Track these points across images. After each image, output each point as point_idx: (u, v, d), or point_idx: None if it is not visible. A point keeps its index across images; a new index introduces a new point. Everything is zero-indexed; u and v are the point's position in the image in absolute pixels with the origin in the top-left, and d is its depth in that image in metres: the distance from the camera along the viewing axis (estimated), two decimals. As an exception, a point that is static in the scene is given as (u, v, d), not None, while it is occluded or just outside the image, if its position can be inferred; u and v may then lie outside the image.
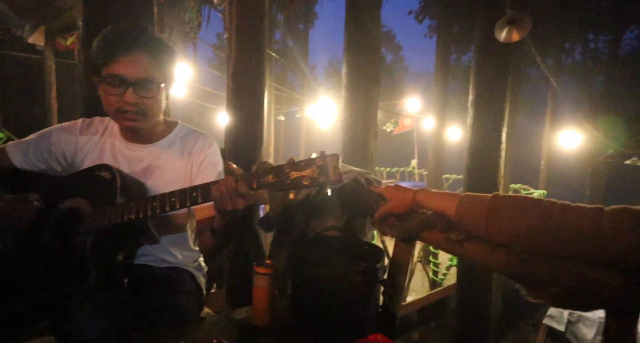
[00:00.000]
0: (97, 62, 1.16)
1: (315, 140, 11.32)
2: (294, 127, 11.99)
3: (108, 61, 1.14)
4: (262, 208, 1.81)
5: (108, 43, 1.15)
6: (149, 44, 1.18)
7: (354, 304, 0.98)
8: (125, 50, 1.14)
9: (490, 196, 0.87)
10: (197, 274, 1.43)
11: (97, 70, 1.17)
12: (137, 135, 1.31)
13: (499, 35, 2.74)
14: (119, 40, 1.15)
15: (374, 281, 0.99)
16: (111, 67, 1.14)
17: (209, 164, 1.36)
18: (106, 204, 1.13)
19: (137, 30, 1.20)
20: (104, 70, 1.15)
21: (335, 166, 0.89)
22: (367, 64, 4.10)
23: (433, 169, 7.06)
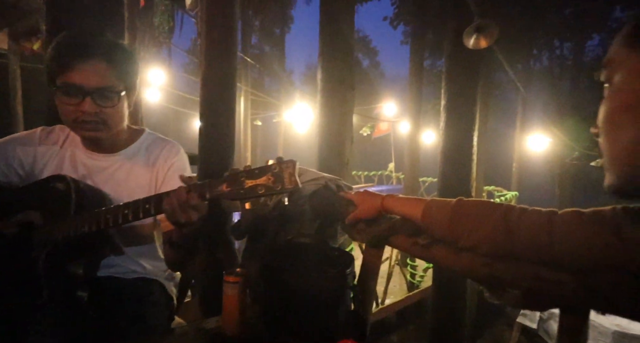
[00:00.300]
0: (52, 70, 1.11)
1: (293, 144, 11.31)
2: (271, 132, 11.95)
3: (63, 69, 1.09)
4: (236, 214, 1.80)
5: (63, 50, 1.10)
6: (107, 50, 1.13)
7: (324, 310, 0.98)
8: (81, 57, 1.09)
9: (454, 201, 0.89)
10: (167, 284, 1.40)
11: (52, 78, 1.12)
12: (99, 144, 1.27)
13: (467, 43, 2.82)
14: (75, 47, 1.10)
15: (343, 286, 0.99)
16: (66, 75, 1.09)
17: (174, 174, 1.33)
18: (60, 216, 1.09)
19: (94, 36, 1.16)
20: (59, 78, 1.10)
21: (291, 173, 0.86)
22: (342, 70, 4.13)
23: (409, 172, 7.16)
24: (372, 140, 9.62)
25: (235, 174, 0.91)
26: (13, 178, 1.26)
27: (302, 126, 8.07)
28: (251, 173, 0.90)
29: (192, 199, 0.94)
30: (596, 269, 0.65)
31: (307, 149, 10.62)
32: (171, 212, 0.96)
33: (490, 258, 0.81)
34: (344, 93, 4.17)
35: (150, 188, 1.30)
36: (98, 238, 1.15)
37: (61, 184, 1.11)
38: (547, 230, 0.70)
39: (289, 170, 0.87)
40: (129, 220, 1.00)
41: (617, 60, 0.49)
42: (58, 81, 1.10)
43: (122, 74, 1.16)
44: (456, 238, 0.85)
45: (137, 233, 1.31)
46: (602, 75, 0.52)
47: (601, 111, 0.51)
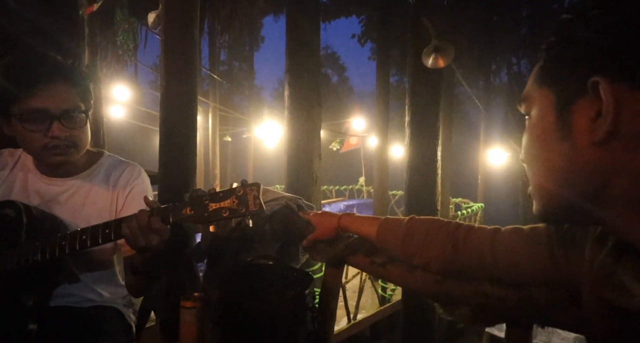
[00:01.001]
0: (6, 98, 1.05)
1: (263, 159, 11.28)
2: (241, 148, 11.86)
3: (23, 95, 1.04)
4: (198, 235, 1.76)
5: (20, 75, 1.05)
6: (67, 71, 1.10)
7: (283, 333, 0.98)
8: (44, 81, 1.05)
9: (406, 220, 0.92)
10: (125, 311, 1.35)
11: (6, 106, 1.06)
12: (56, 168, 1.23)
13: (426, 62, 2.94)
14: (34, 70, 1.05)
15: (302, 308, 0.99)
16: (28, 101, 1.04)
17: (136, 196, 1.30)
18: (10, 245, 1.04)
19: (51, 58, 1.13)
20: (16, 106, 1.05)
21: (256, 196, 0.88)
22: (309, 87, 4.19)
23: (379, 186, 7.27)
24: (342, 154, 9.73)
25: (199, 198, 0.91)
26: (-46, 206, 1.19)
27: (272, 141, 8.07)
28: (215, 196, 0.90)
29: (155, 223, 0.92)
30: (535, 285, 0.69)
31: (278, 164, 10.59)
32: (132, 236, 0.94)
33: (442, 276, 0.84)
34: (310, 110, 4.22)
35: (110, 212, 1.26)
36: (51, 265, 1.10)
37: (11, 211, 1.06)
38: (490, 247, 0.74)
39: (253, 193, 0.88)
40: (87, 245, 0.97)
41: (531, 96, 0.53)
42: (15, 108, 1.05)
43: (84, 95, 1.14)
44: (409, 256, 0.88)
45: (96, 258, 1.26)
46: (522, 108, 0.56)
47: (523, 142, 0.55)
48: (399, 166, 9.16)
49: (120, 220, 0.98)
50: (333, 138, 8.63)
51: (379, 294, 4.90)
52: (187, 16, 1.64)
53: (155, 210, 0.95)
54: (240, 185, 0.90)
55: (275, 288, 1.00)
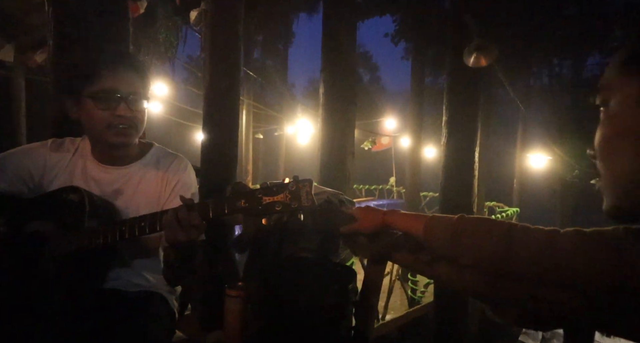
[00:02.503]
0: (81, 80, 1.16)
1: (294, 158, 11.34)
2: (273, 145, 12.00)
3: (96, 77, 1.14)
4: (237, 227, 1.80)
5: (95, 60, 1.17)
6: (133, 60, 1.21)
7: (326, 327, 0.98)
8: (114, 66, 1.16)
9: (455, 218, 0.90)
10: (169, 297, 1.40)
11: (79, 87, 1.16)
12: (111, 156, 1.29)
13: (468, 61, 2.87)
14: (106, 57, 1.18)
15: (345, 302, 0.99)
16: (100, 82, 1.15)
17: (182, 188, 1.34)
18: (74, 228, 1.10)
19: (119, 48, 1.23)
20: (90, 86, 1.15)
21: (308, 192, 0.90)
22: (344, 85, 4.19)
23: (410, 187, 7.18)
24: (372, 154, 9.66)
25: (252, 191, 0.94)
26: (22, 189, 1.27)
27: (304, 139, 8.12)
28: (268, 190, 0.92)
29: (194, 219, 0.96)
30: (598, 289, 0.65)
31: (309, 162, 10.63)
32: (168, 229, 0.98)
33: (492, 276, 0.82)
34: (345, 108, 4.22)
35: (158, 201, 1.31)
36: (106, 250, 1.16)
37: (75, 196, 1.13)
38: (549, 249, 0.71)
39: (305, 188, 0.90)
40: (145, 232, 1.02)
41: (612, 85, 0.50)
42: (88, 89, 1.15)
43: (144, 82, 1.23)
44: (457, 255, 0.86)
45: (144, 245, 1.32)
46: (598, 99, 0.53)
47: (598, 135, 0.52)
48: (431, 167, 8.99)
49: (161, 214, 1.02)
50: (364, 137, 8.58)
51: (408, 295, 4.84)
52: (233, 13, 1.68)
53: (212, 201, 0.98)
54: (293, 180, 0.92)
55: (318, 281, 1.01)
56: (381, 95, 22.85)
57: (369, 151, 9.47)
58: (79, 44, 1.75)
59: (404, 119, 9.06)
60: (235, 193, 0.98)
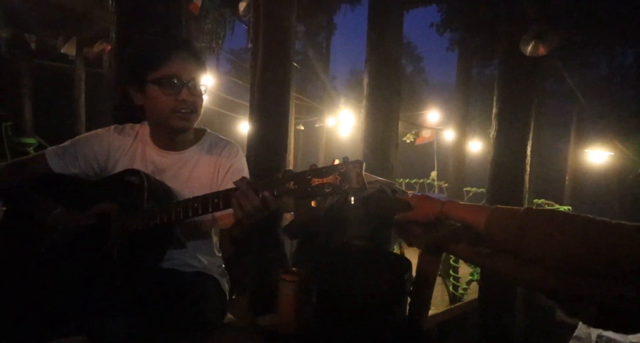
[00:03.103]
0: (145, 67, 1.20)
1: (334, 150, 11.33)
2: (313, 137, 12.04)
3: (160, 63, 1.19)
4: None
5: (158, 48, 1.22)
6: (192, 47, 1.25)
7: (380, 316, 0.97)
8: (175, 53, 1.21)
9: (522, 210, 0.86)
10: (221, 280, 1.44)
11: (143, 75, 1.21)
12: (169, 141, 1.34)
13: (525, 50, 2.71)
14: (168, 44, 1.23)
15: (400, 292, 0.98)
16: (164, 69, 1.19)
17: (235, 173, 1.37)
18: (134, 209, 1.16)
19: (179, 37, 1.28)
20: (154, 73, 1.20)
21: (359, 173, 0.87)
22: (389, 76, 4.12)
23: (453, 181, 6.98)
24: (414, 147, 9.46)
25: (301, 173, 0.93)
26: (89, 172, 1.35)
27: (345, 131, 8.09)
28: (318, 171, 0.91)
29: (260, 196, 0.96)
30: None
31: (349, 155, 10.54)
32: (239, 207, 0.99)
33: (563, 272, 0.77)
34: (390, 99, 4.16)
35: (211, 186, 1.35)
36: (164, 231, 1.21)
37: (135, 178, 1.18)
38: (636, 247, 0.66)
39: (356, 170, 0.87)
40: (198, 213, 1.04)
41: None
42: (152, 75, 1.20)
43: (201, 69, 1.27)
44: (524, 248, 0.82)
45: (198, 228, 1.36)
46: None
47: None
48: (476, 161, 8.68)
49: (229, 191, 1.04)
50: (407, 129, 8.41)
51: (449, 291, 4.73)
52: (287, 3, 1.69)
53: (261, 183, 0.99)
54: (342, 162, 0.90)
55: (374, 270, 1.00)
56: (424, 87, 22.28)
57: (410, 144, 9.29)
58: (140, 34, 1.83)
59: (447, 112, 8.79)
60: (284, 176, 0.97)
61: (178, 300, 1.27)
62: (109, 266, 1.13)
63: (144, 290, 1.18)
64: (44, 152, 1.33)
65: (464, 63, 6.84)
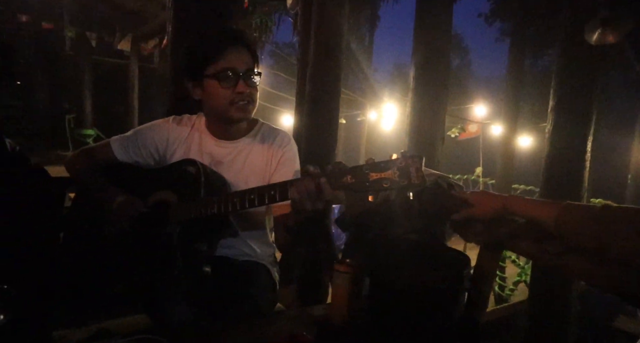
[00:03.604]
0: (202, 61, 1.24)
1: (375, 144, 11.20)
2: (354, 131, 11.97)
3: (216, 57, 1.22)
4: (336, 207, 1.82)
5: (212, 42, 1.25)
6: (246, 38, 1.28)
7: (437, 312, 0.95)
8: (232, 46, 1.24)
9: (599, 208, 0.80)
10: (272, 269, 1.47)
11: (201, 69, 1.24)
12: (225, 131, 1.38)
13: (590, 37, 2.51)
14: (223, 38, 1.25)
15: (458, 289, 0.95)
16: (220, 62, 1.23)
17: (286, 162, 1.39)
18: (191, 197, 1.19)
19: (232, 27, 1.30)
20: (211, 67, 1.23)
21: (418, 169, 0.85)
22: (437, 68, 3.99)
23: (501, 178, 6.69)
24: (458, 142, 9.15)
25: (359, 167, 0.92)
26: (149, 161, 1.42)
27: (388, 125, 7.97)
28: (376, 165, 0.90)
29: (319, 188, 0.97)
30: None
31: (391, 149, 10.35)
32: (299, 199, 0.99)
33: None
34: (437, 92, 4.03)
35: (264, 174, 1.37)
36: (219, 219, 1.25)
37: (192, 168, 1.22)
38: None
39: (415, 165, 0.86)
40: (254, 204, 1.06)
41: None
42: (209, 70, 1.24)
43: (256, 61, 1.29)
44: (605, 248, 0.76)
45: (252, 217, 1.40)
46: None
47: None
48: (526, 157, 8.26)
49: (286, 183, 1.04)
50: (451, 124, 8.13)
51: (495, 292, 4.57)
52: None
53: (319, 176, 0.99)
54: (401, 156, 0.89)
55: (431, 265, 0.98)
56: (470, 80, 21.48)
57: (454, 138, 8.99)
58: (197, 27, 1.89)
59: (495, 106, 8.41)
60: (340, 169, 0.97)
61: (232, 287, 1.31)
62: (168, 253, 1.17)
63: (203, 276, 1.22)
64: (109, 141, 1.41)
65: (516, 54, 6.50)
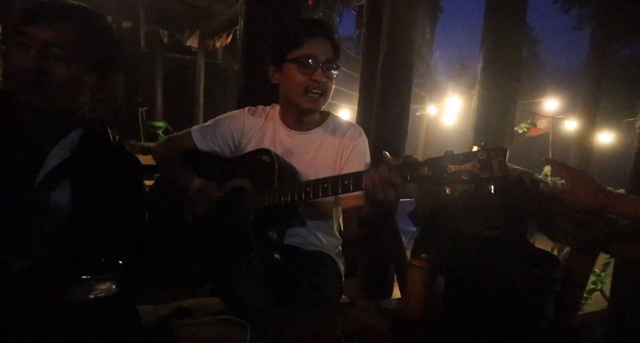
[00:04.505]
0: (284, 47, 1.26)
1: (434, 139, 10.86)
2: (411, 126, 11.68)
3: (301, 43, 1.24)
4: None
5: (298, 28, 1.27)
6: (329, 29, 1.29)
7: (523, 316, 0.89)
8: (315, 34, 1.25)
9: None
10: (338, 260, 1.47)
11: (284, 54, 1.27)
12: (298, 122, 1.39)
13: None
14: (309, 26, 1.27)
15: (548, 291, 0.88)
16: (302, 49, 1.24)
17: (357, 154, 1.38)
18: (265, 185, 1.22)
19: (322, 20, 1.31)
20: (294, 52, 1.25)
21: (501, 161, 0.81)
22: (508, 59, 3.74)
23: (575, 178, 6.16)
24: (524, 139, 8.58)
25: (436, 159, 0.89)
26: (226, 150, 1.47)
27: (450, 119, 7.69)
28: (455, 158, 0.86)
29: (395, 177, 0.95)
30: None
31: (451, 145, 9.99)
32: (371, 189, 0.98)
33: None
34: (507, 84, 3.79)
35: (334, 166, 1.37)
36: (289, 208, 1.27)
37: (267, 157, 1.25)
38: None
39: (498, 158, 0.82)
40: (327, 193, 1.06)
41: None
42: (292, 54, 1.26)
43: (337, 53, 1.29)
44: None
45: (320, 208, 1.40)
46: None
47: None
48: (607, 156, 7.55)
49: (361, 173, 1.03)
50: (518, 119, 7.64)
51: (565, 301, 4.25)
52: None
53: (394, 166, 0.97)
54: (482, 149, 0.84)
55: (517, 264, 0.92)
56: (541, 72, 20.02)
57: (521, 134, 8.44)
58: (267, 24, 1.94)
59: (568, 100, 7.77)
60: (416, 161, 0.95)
61: (300, 276, 1.32)
62: (244, 238, 1.21)
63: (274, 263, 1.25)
64: (190, 130, 1.48)
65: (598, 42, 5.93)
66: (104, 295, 0.65)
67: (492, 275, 0.93)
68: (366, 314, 1.04)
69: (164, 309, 1.30)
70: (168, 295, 1.49)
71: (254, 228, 1.22)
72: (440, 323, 1.00)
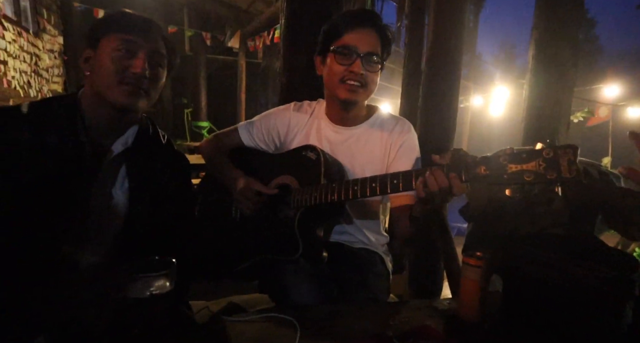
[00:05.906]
0: (330, 36, 1.25)
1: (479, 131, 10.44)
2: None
3: (343, 32, 1.22)
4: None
5: (344, 19, 1.24)
6: (376, 20, 1.24)
7: (594, 319, 0.82)
8: (361, 26, 1.22)
9: None
10: (385, 258, 1.44)
11: (328, 44, 1.26)
12: (342, 117, 1.36)
13: None
14: (355, 16, 1.24)
15: (627, 295, 0.80)
16: (343, 39, 1.22)
17: (406, 150, 1.33)
18: (311, 183, 1.20)
19: (373, 12, 1.32)
20: (336, 42, 1.24)
21: (571, 161, 0.73)
22: (563, 44, 3.49)
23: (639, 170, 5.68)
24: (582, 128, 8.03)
25: (494, 157, 0.83)
26: (271, 146, 1.47)
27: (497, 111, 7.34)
28: (516, 156, 0.80)
29: (450, 180, 0.90)
30: None
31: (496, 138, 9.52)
32: (424, 189, 0.94)
33: None
34: (563, 71, 3.54)
35: (382, 162, 1.33)
36: (335, 206, 1.24)
37: (313, 154, 1.23)
38: None
39: (567, 156, 0.74)
40: (376, 193, 1.03)
41: None
42: (334, 44, 1.24)
43: (385, 45, 1.25)
44: None
45: (367, 206, 1.37)
46: None
47: None
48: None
49: (410, 173, 0.99)
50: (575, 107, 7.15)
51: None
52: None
53: (448, 167, 0.92)
54: (547, 146, 0.77)
55: (586, 264, 0.84)
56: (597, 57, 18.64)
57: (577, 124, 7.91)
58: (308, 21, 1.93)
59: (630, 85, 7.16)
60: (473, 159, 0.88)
61: (348, 274, 1.30)
62: (291, 235, 1.20)
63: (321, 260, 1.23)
64: (237, 126, 1.50)
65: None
66: (159, 293, 0.66)
67: (559, 277, 0.86)
68: (418, 314, 1.00)
69: (216, 305, 1.32)
70: (218, 289, 1.53)
71: (300, 225, 1.20)
72: (498, 324, 0.94)
